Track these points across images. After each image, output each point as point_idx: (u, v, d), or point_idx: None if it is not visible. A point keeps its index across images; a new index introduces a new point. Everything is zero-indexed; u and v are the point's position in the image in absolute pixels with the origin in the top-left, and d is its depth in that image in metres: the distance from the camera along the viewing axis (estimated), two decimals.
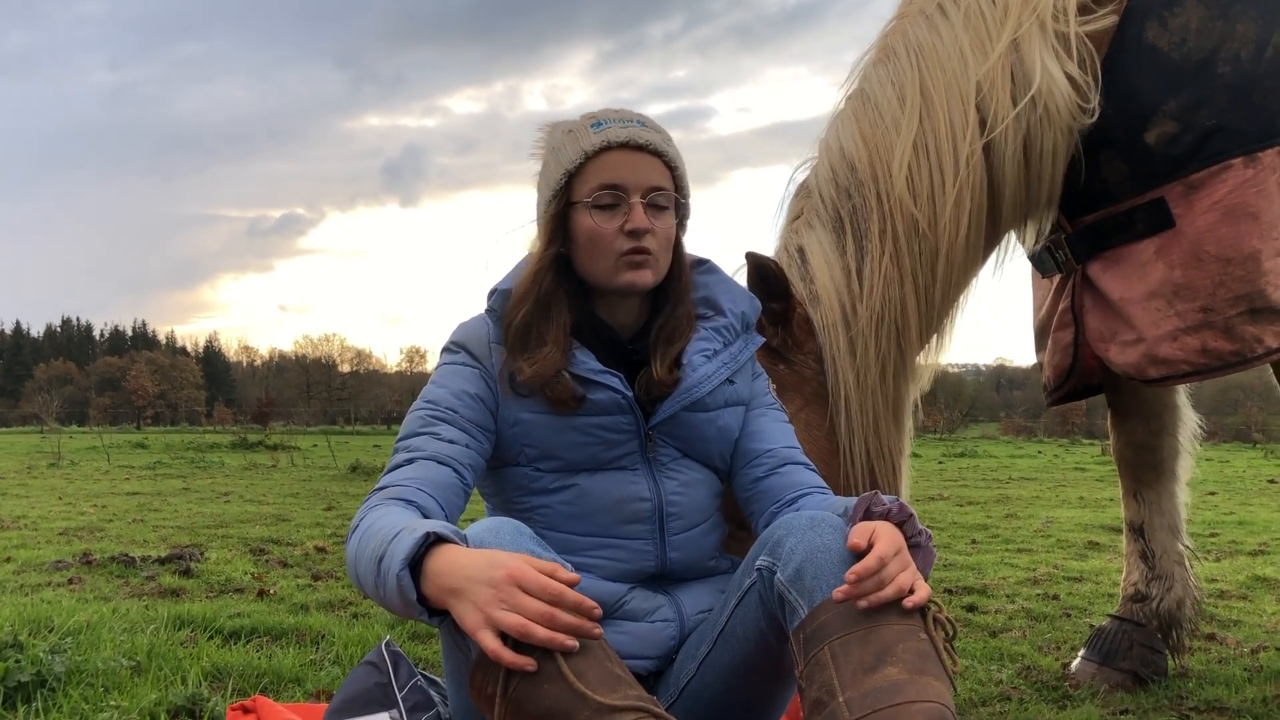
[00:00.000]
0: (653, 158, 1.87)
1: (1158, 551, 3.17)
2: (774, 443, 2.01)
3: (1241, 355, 2.55)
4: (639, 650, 1.84)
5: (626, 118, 1.90)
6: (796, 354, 2.50)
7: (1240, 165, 2.50)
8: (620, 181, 1.84)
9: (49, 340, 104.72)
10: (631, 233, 1.83)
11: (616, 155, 1.85)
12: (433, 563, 1.48)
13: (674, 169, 1.90)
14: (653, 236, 1.85)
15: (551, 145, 1.93)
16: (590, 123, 1.89)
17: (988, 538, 7.23)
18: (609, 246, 1.85)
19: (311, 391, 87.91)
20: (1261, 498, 11.09)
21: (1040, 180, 2.61)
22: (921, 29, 2.62)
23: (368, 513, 1.68)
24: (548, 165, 1.93)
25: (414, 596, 1.47)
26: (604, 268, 1.87)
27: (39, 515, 8.26)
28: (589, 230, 1.86)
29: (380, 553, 1.53)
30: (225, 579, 4.87)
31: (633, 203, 1.84)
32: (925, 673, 1.51)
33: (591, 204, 1.85)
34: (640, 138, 1.86)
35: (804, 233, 2.61)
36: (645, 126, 1.89)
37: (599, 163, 1.85)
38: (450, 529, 1.53)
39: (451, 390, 1.88)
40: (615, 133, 1.86)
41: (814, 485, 1.96)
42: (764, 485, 1.97)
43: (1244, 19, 2.53)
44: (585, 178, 1.86)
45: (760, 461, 1.99)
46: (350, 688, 2.22)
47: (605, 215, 1.85)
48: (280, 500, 10.21)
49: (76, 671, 2.73)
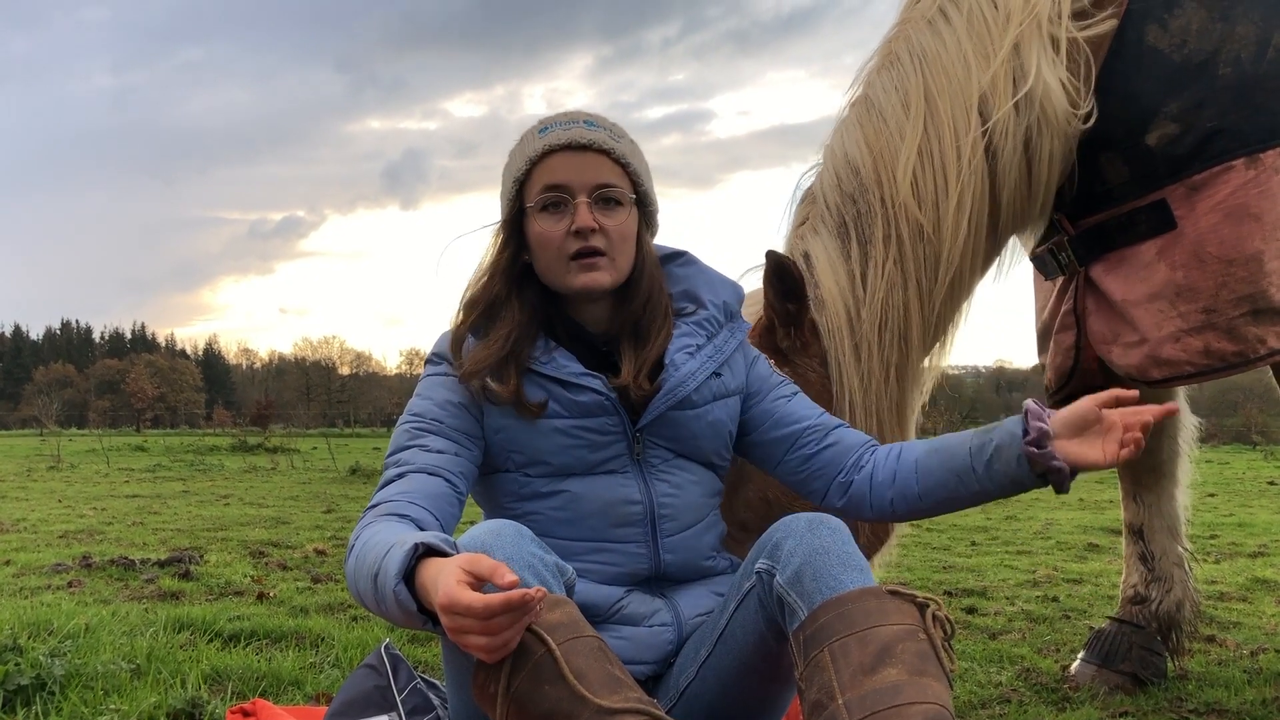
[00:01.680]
0: (599, 155, 1.87)
1: (1157, 554, 3.17)
2: (808, 417, 2.02)
3: (1244, 356, 2.55)
4: (637, 655, 1.84)
5: (573, 119, 1.91)
6: (802, 357, 2.50)
7: (1242, 166, 2.50)
8: (562, 182, 1.85)
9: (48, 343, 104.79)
10: (577, 233, 1.84)
11: (559, 158, 1.86)
12: (423, 573, 1.48)
13: (625, 164, 1.90)
14: (602, 235, 1.85)
15: (509, 155, 1.95)
16: (538, 129, 1.91)
17: (987, 540, 7.23)
18: (558, 249, 1.86)
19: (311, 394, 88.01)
20: (1261, 499, 11.09)
21: (1039, 184, 2.62)
22: (924, 35, 2.62)
23: (362, 531, 1.68)
24: (504, 175, 1.96)
25: (414, 608, 1.48)
26: (558, 271, 1.88)
27: (38, 518, 8.25)
28: (538, 234, 1.88)
29: (375, 569, 1.53)
30: (225, 582, 4.86)
31: (577, 203, 1.85)
32: (925, 674, 1.50)
33: (537, 207, 1.86)
34: (583, 138, 1.86)
35: (809, 238, 2.61)
36: (592, 126, 1.89)
37: (543, 167, 1.87)
38: (440, 538, 1.53)
39: (435, 401, 1.88)
40: (557, 136, 1.87)
41: (865, 443, 2.00)
42: (821, 459, 1.99)
43: (1244, 20, 2.53)
44: (532, 183, 1.88)
45: (806, 439, 2.00)
46: (350, 690, 2.22)
47: (551, 218, 1.86)
48: (280, 503, 10.21)
49: (76, 674, 2.72)
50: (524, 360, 1.87)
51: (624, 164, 1.90)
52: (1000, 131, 2.53)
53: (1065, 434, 1.79)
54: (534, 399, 1.85)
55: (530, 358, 1.88)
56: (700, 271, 2.06)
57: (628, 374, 1.87)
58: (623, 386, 1.87)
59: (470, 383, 1.86)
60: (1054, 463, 1.77)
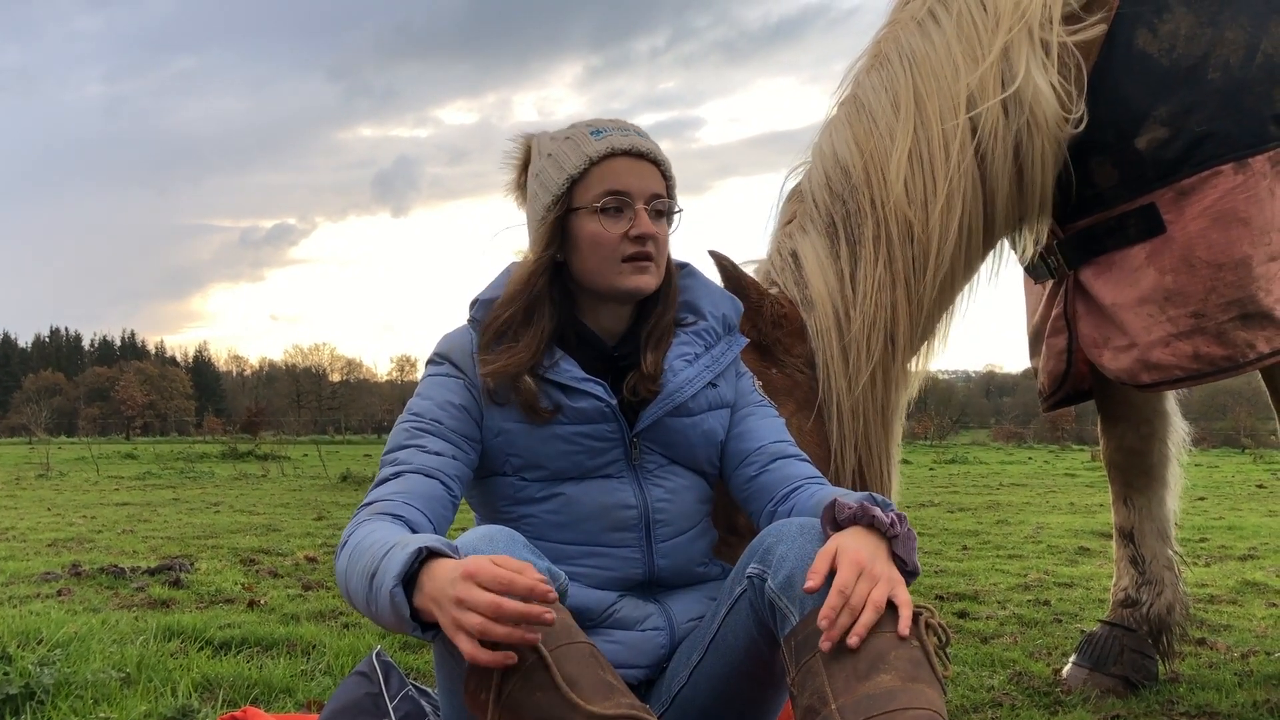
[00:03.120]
0: (652, 165, 1.91)
1: (1148, 557, 3.18)
2: (763, 440, 2.01)
3: (1234, 360, 2.56)
4: (629, 659, 1.84)
5: (624, 126, 1.93)
6: (788, 358, 2.50)
7: (1230, 171, 2.51)
8: (626, 188, 1.87)
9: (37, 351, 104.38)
10: (638, 238, 1.86)
11: (621, 162, 1.88)
12: (424, 577, 1.47)
13: (668, 177, 1.94)
14: (654, 241, 1.88)
15: (547, 152, 1.93)
16: (589, 130, 1.91)
17: (979, 544, 7.24)
18: (613, 251, 1.87)
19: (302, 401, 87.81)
20: (1250, 503, 11.13)
21: (1031, 187, 2.62)
22: (914, 36, 2.63)
23: (356, 528, 1.68)
24: (546, 171, 1.93)
25: (407, 613, 1.46)
26: (607, 272, 1.88)
27: (27, 526, 8.22)
28: (593, 235, 1.87)
29: (372, 569, 1.52)
30: (215, 589, 4.85)
31: (638, 209, 1.87)
32: (918, 679, 1.50)
33: (599, 209, 1.87)
34: (641, 146, 1.90)
35: (798, 237, 2.61)
36: (642, 136, 1.93)
37: (604, 169, 1.88)
38: (443, 542, 1.52)
39: (436, 402, 1.88)
40: (618, 140, 1.89)
41: (807, 477, 1.95)
42: (758, 483, 1.97)
43: (1233, 25, 2.54)
44: (589, 183, 1.88)
45: (751, 460, 1.99)
46: (341, 698, 2.22)
47: (611, 220, 1.87)
48: (270, 510, 10.18)
49: (66, 683, 2.71)
50: (536, 365, 1.88)
51: (667, 176, 1.94)
52: (989, 133, 2.54)
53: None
54: (544, 404, 1.86)
55: (539, 363, 1.88)
56: (701, 283, 2.08)
57: (648, 370, 1.90)
58: (634, 386, 1.89)
59: (494, 381, 1.86)
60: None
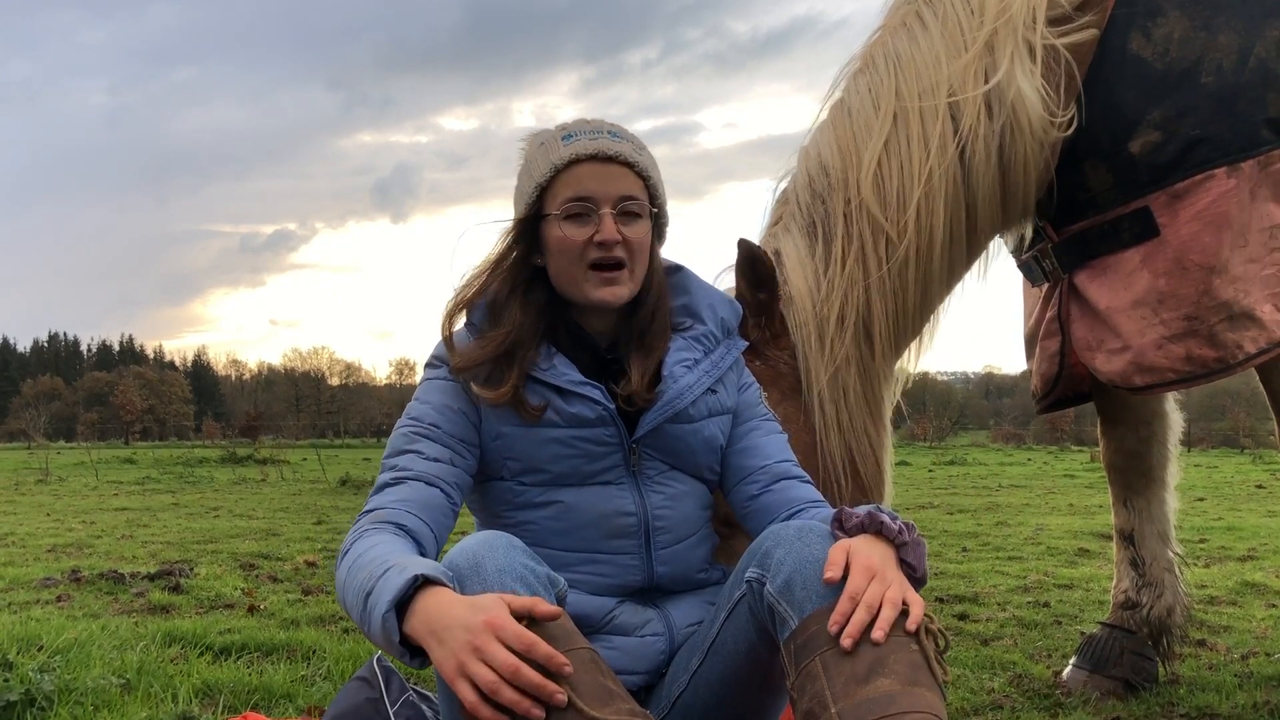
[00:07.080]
0: (623, 168, 1.88)
1: (1148, 558, 3.18)
2: (767, 458, 1.99)
3: (1224, 362, 2.58)
4: (628, 665, 1.84)
5: (597, 128, 1.91)
6: (773, 349, 2.53)
7: (1223, 175, 2.52)
8: (589, 193, 1.86)
9: (36, 356, 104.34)
10: (601, 244, 1.85)
11: (585, 167, 1.86)
12: (419, 604, 1.47)
13: (646, 178, 1.91)
14: (624, 246, 1.86)
15: (526, 158, 1.95)
16: (561, 135, 1.91)
17: (978, 546, 7.24)
18: (578, 257, 1.86)
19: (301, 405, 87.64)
20: (1250, 503, 11.14)
21: (1015, 190, 2.64)
22: (902, 39, 2.66)
23: (358, 538, 1.68)
24: (521, 178, 1.95)
25: (397, 639, 1.47)
26: (576, 279, 1.87)
27: (27, 532, 8.21)
28: (558, 241, 1.87)
29: (368, 588, 1.52)
30: (215, 595, 4.85)
31: (602, 214, 1.85)
32: (918, 683, 1.50)
33: (561, 215, 1.86)
34: (609, 149, 1.87)
35: (781, 236, 2.65)
36: (616, 137, 1.90)
37: (568, 175, 1.87)
38: (440, 570, 1.52)
39: (434, 406, 1.88)
40: (584, 145, 1.87)
41: (809, 500, 1.95)
42: (759, 503, 1.96)
43: (1226, 30, 2.56)
44: (555, 190, 1.88)
45: (754, 479, 1.98)
46: (342, 703, 2.22)
47: (575, 226, 1.86)
48: (270, 515, 10.18)
49: (66, 690, 2.71)
50: (526, 365, 1.87)
51: (645, 177, 1.91)
52: (970, 131, 2.55)
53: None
54: (534, 403, 1.85)
55: (532, 363, 1.88)
56: (700, 287, 2.06)
57: (637, 383, 1.88)
58: (628, 395, 1.87)
59: (460, 379, 1.86)
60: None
